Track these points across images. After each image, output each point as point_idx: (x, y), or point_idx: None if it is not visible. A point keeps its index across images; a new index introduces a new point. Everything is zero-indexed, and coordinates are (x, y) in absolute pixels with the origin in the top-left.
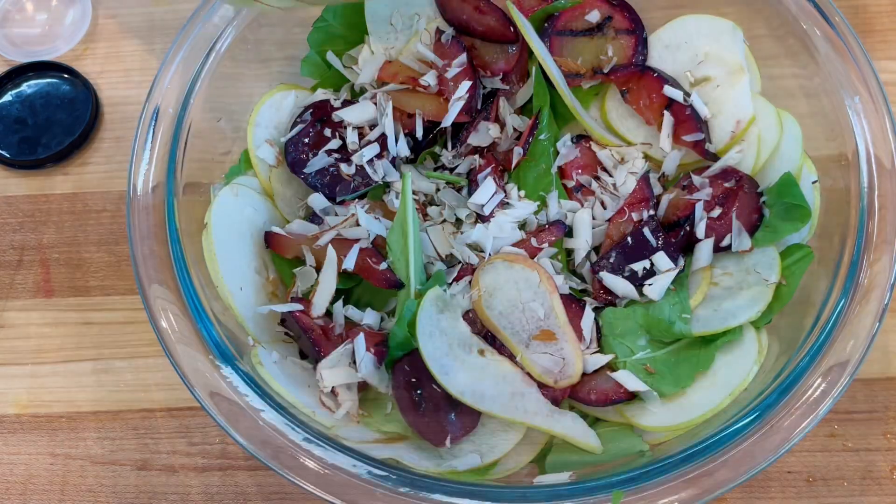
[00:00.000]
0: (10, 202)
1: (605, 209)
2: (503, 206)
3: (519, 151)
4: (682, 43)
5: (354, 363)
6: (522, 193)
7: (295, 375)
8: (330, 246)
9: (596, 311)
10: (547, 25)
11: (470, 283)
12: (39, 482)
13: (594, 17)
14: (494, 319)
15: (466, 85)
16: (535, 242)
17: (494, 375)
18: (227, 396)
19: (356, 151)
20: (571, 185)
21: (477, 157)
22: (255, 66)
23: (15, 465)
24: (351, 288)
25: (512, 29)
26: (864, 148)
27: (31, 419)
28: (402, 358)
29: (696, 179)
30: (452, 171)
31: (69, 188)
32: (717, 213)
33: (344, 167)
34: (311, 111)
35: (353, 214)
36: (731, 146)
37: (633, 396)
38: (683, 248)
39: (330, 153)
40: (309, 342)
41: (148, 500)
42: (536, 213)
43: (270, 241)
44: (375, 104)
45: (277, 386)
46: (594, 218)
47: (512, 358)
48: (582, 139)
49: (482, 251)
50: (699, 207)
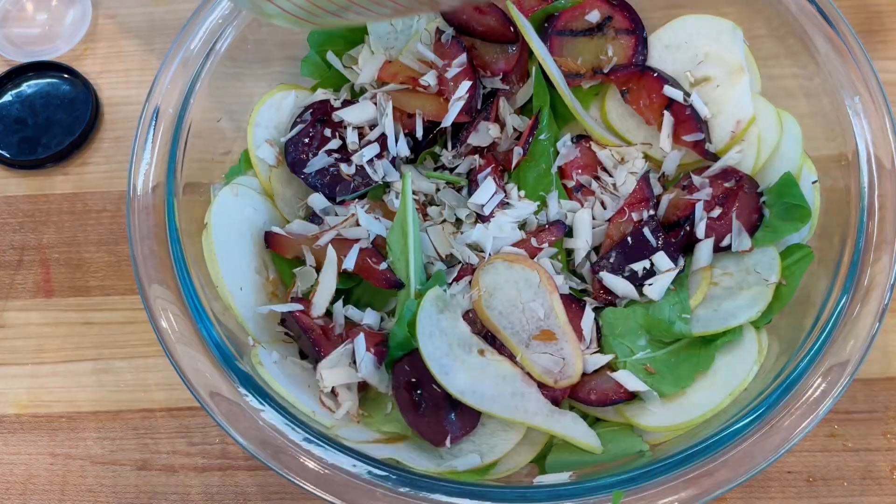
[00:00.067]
0: (10, 202)
1: (605, 209)
2: (503, 206)
3: (519, 151)
4: (682, 43)
5: (354, 363)
6: (522, 193)
7: (295, 375)
8: (330, 246)
9: (596, 311)
10: (547, 25)
11: (470, 283)
12: (39, 482)
13: (594, 17)
14: (494, 319)
15: (466, 85)
16: (535, 242)
17: (494, 375)
18: (227, 396)
19: (356, 151)
20: (571, 185)
21: (477, 157)
22: (255, 66)
23: (15, 465)
24: (351, 288)
25: (512, 29)
26: (864, 148)
27: (31, 419)
28: (402, 358)
29: (696, 179)
30: (452, 171)
31: (69, 188)
32: (717, 213)
33: (344, 167)
34: (311, 111)
35: (353, 214)
36: (731, 146)
37: (633, 396)
38: (683, 248)
39: (330, 153)
40: (309, 342)
41: (148, 500)
42: (536, 213)
43: (270, 241)
44: (375, 104)
45: (277, 386)
46: (594, 218)
47: (512, 358)
48: (582, 139)
49: (482, 251)
50: (699, 207)
